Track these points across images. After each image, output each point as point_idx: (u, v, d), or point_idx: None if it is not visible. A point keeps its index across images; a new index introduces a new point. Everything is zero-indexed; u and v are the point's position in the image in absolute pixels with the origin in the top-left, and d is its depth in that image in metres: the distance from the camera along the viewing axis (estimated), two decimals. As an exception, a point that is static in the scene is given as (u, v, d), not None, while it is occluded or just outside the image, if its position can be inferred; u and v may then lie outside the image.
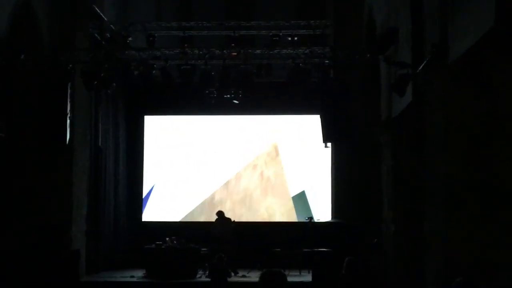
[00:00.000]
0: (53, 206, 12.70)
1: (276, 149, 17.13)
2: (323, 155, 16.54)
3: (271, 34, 13.55)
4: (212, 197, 17.28)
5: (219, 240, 14.09)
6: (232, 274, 12.87)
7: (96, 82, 12.64)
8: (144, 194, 17.33)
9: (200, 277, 13.34)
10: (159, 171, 17.41)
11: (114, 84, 13.30)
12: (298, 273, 13.76)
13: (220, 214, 14.92)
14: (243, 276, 13.19)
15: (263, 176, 17.18)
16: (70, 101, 12.36)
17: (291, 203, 16.95)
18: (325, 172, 16.66)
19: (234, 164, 17.27)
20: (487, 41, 6.10)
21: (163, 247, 13.75)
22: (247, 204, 17.11)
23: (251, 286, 11.77)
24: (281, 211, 17.00)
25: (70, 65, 12.62)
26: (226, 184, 17.27)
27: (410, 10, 8.92)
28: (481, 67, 7.02)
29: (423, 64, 7.92)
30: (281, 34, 13.53)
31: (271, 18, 14.01)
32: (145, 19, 14.71)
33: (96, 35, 13.80)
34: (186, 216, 17.22)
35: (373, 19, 12.13)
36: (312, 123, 16.17)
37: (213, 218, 15.16)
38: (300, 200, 16.90)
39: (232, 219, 15.22)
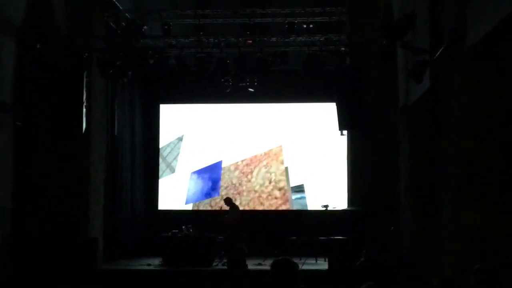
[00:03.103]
0: (70, 195, 12.77)
1: (281, 149, 17.15)
2: (339, 142, 16.50)
3: (286, 21, 13.48)
4: (227, 185, 17.29)
5: (229, 227, 14.10)
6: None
7: (112, 71, 12.70)
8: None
9: (217, 265, 13.37)
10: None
11: (130, 72, 13.32)
12: (314, 261, 13.76)
13: (228, 201, 14.88)
14: (259, 264, 13.20)
15: (276, 164, 17.15)
16: (86, 90, 12.41)
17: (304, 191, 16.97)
18: (341, 160, 16.62)
19: (249, 152, 17.27)
20: (506, 26, 6.02)
21: (179, 235, 13.79)
22: (262, 192, 17.09)
23: (267, 274, 11.76)
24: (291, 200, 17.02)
25: (86, 54, 12.67)
26: (241, 172, 17.26)
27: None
28: (499, 52, 6.94)
29: (440, 50, 7.84)
30: (296, 21, 13.46)
31: (287, 5, 13.92)
32: (161, 8, 14.69)
33: (111, 24, 13.81)
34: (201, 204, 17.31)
35: (390, 4, 12.02)
36: (328, 111, 16.12)
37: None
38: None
39: (245, 207, 15.22)
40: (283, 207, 16.92)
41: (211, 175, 17.35)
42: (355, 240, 12.25)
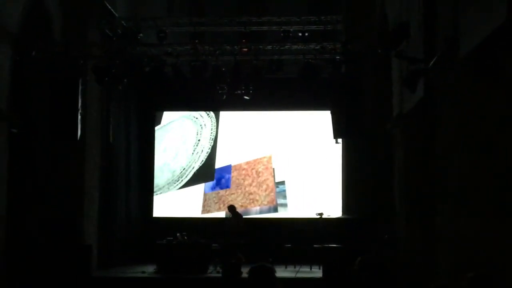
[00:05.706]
0: (65, 202, 12.76)
1: (275, 156, 17.20)
2: (334, 151, 16.51)
3: (282, 29, 13.52)
4: (220, 192, 17.30)
5: (233, 234, 14.14)
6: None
7: (107, 78, 12.69)
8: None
9: (211, 272, 13.35)
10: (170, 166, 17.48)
11: (125, 80, 13.33)
12: (309, 269, 13.76)
13: (231, 208, 14.98)
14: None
15: (271, 171, 17.16)
16: (81, 97, 12.41)
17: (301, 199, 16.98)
18: (336, 168, 16.63)
19: (245, 159, 17.27)
20: (499, 36, 6.07)
21: (174, 242, 13.79)
22: (255, 199, 17.10)
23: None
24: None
25: (82, 61, 12.67)
26: (235, 180, 17.26)
27: (422, 4, 8.89)
28: (493, 61, 6.98)
29: (434, 59, 7.89)
30: (292, 29, 13.49)
31: (282, 13, 13.96)
32: (157, 15, 14.71)
33: (107, 31, 13.81)
34: (195, 212, 17.32)
35: (385, 13, 12.10)
36: (323, 119, 16.15)
37: (220, 214, 15.18)
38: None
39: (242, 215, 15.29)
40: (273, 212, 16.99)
41: (217, 175, 17.42)
42: (350, 248, 12.26)
